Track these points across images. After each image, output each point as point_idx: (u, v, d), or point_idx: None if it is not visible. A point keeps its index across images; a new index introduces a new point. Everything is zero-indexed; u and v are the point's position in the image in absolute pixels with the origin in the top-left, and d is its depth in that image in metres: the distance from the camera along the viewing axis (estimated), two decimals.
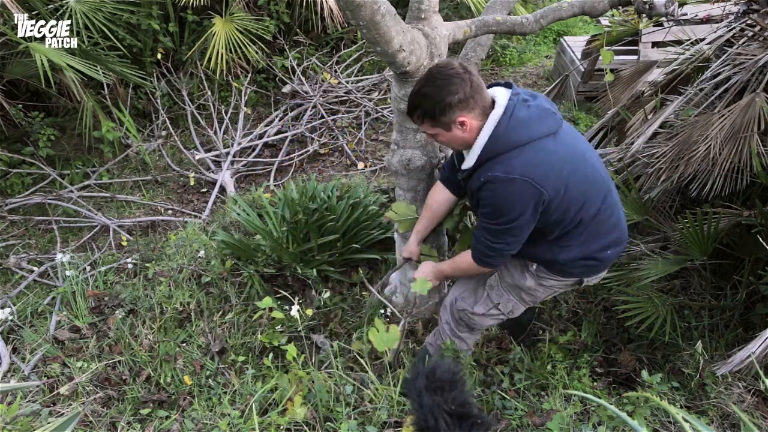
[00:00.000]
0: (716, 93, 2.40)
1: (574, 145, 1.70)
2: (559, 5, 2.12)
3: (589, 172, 1.70)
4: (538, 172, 1.59)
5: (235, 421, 2.04)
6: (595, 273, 1.90)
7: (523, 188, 1.59)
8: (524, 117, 1.62)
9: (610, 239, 1.80)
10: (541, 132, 1.63)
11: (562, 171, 1.63)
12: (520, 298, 1.97)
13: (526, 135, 1.61)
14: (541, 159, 1.61)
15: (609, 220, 1.78)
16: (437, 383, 1.19)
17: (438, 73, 1.62)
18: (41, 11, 3.71)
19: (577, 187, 1.66)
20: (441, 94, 1.60)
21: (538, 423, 1.99)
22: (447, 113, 1.62)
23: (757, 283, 2.24)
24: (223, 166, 4.07)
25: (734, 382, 2.09)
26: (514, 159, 1.60)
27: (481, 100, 1.64)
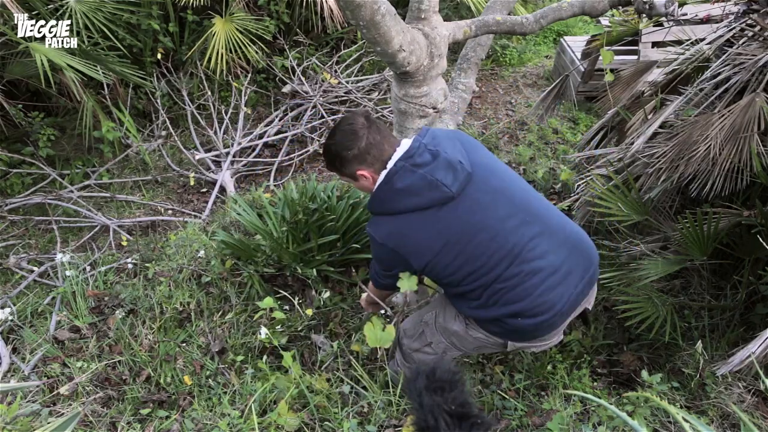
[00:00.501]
0: (716, 93, 2.39)
1: (468, 216, 1.63)
2: (559, 5, 2.12)
3: (485, 241, 1.63)
4: (403, 244, 1.66)
5: (235, 421, 2.04)
6: (520, 339, 1.78)
7: (389, 253, 1.71)
8: (401, 188, 1.62)
9: (519, 308, 1.66)
10: (416, 205, 1.63)
11: (435, 245, 1.64)
12: (451, 342, 1.92)
13: (398, 206, 1.64)
14: (407, 234, 1.65)
15: (516, 288, 1.64)
16: (437, 383, 1.19)
17: (339, 127, 1.71)
18: (41, 11, 3.71)
19: (464, 256, 1.64)
20: (338, 148, 1.69)
21: (538, 423, 1.99)
22: (346, 166, 1.71)
23: (757, 283, 2.24)
24: (223, 166, 4.07)
25: (734, 382, 2.09)
26: (383, 225, 1.69)
27: (380, 156, 1.68)
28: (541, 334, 1.75)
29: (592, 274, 1.74)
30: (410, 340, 2.02)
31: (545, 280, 1.64)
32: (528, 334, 1.74)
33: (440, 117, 2.06)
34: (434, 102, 1.94)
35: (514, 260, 1.63)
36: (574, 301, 1.71)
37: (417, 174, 1.61)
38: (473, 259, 1.63)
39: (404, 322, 2.10)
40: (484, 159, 1.71)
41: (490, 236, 1.63)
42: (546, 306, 1.66)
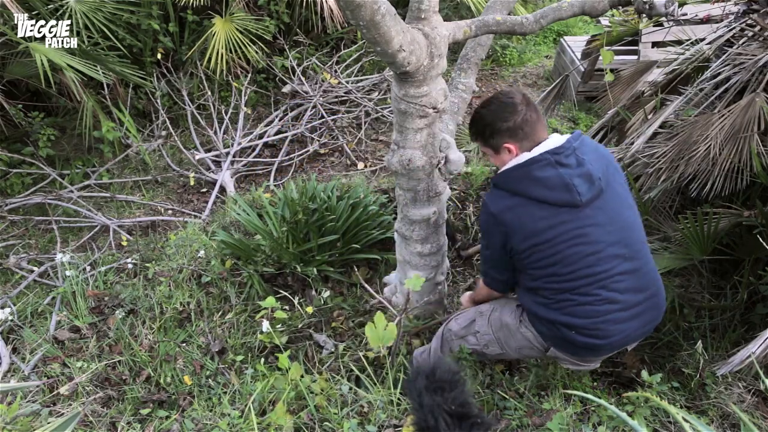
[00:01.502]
0: (716, 93, 2.40)
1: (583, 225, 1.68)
2: (559, 5, 2.12)
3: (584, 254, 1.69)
4: (513, 222, 1.71)
5: (235, 421, 2.04)
6: (563, 350, 1.86)
7: (495, 225, 1.75)
8: (538, 177, 1.69)
9: (579, 323, 1.74)
10: (543, 197, 1.68)
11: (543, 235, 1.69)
12: (498, 337, 1.98)
13: (525, 190, 1.70)
14: (522, 216, 1.71)
15: (585, 306, 1.72)
16: (437, 383, 1.19)
17: (497, 99, 1.77)
18: (41, 11, 3.71)
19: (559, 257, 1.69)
20: (493, 118, 1.74)
21: (538, 423, 1.98)
22: (495, 137, 1.76)
23: (757, 283, 2.24)
24: (223, 166, 4.07)
25: (734, 382, 2.09)
26: (503, 199, 1.75)
27: (532, 134, 1.73)
28: (584, 354, 1.85)
29: (652, 327, 1.85)
30: (458, 326, 2.09)
31: (614, 312, 1.73)
32: (572, 349, 1.83)
33: (440, 117, 2.06)
34: (434, 102, 1.94)
35: (598, 283, 1.71)
36: (626, 340, 1.80)
37: (557, 171, 1.67)
38: (566, 264, 1.70)
39: (457, 313, 2.18)
40: (618, 188, 1.77)
41: (591, 252, 1.70)
42: (603, 333, 1.74)
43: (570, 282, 1.72)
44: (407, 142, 2.07)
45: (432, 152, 2.11)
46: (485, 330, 2.00)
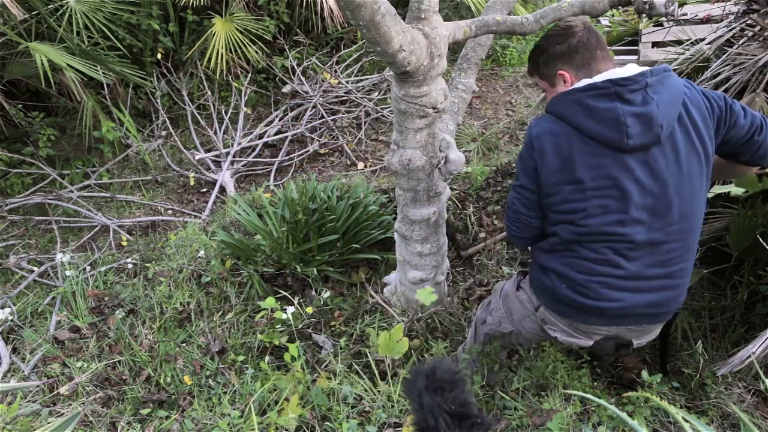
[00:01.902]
0: None
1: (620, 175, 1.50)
2: (559, 5, 2.12)
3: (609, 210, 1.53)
4: (550, 149, 1.55)
5: (235, 421, 2.04)
6: (550, 306, 1.73)
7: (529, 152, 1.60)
8: (589, 105, 1.49)
9: (573, 276, 1.61)
10: (586, 128, 1.50)
11: (576, 175, 1.52)
12: (505, 311, 1.95)
13: (570, 116, 1.53)
14: (561, 145, 1.53)
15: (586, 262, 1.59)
16: (437, 383, 1.19)
17: (555, 27, 1.65)
18: (41, 11, 3.71)
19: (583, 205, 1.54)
20: (546, 44, 1.63)
21: (538, 423, 1.98)
22: (548, 64, 1.63)
23: (757, 283, 2.24)
24: (223, 166, 4.07)
25: (734, 382, 2.09)
26: (547, 122, 1.59)
27: (591, 61, 1.56)
28: (571, 317, 1.68)
29: (661, 314, 1.66)
30: (481, 310, 2.11)
31: (613, 277, 1.57)
32: (560, 306, 1.69)
33: (440, 117, 2.06)
34: (434, 102, 1.94)
35: (609, 243, 1.55)
36: (623, 312, 1.61)
37: (613, 105, 1.46)
38: (587, 215, 1.54)
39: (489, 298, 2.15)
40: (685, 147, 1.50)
41: (616, 209, 1.52)
42: (593, 294, 1.59)
43: (583, 235, 1.57)
44: (407, 142, 2.07)
45: (432, 152, 2.11)
46: (497, 305, 1.99)
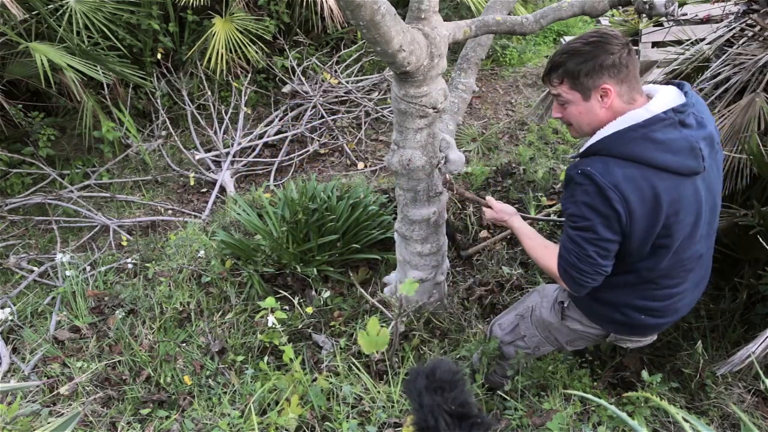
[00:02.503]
0: (716, 93, 2.39)
1: (693, 200, 1.46)
2: (559, 5, 2.12)
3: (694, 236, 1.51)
4: (634, 195, 1.39)
5: (235, 421, 2.04)
6: (624, 332, 1.74)
7: (607, 204, 1.40)
8: (661, 139, 1.39)
9: (652, 305, 1.61)
10: (665, 164, 1.39)
11: (661, 212, 1.41)
12: (545, 336, 1.92)
13: (648, 157, 1.39)
14: (644, 185, 1.39)
15: (667, 286, 1.59)
16: (437, 383, 1.19)
17: (596, 32, 1.46)
18: (41, 11, 3.71)
19: (663, 237, 1.46)
20: (595, 51, 1.42)
21: (538, 423, 1.98)
22: (593, 75, 1.42)
23: (757, 283, 2.24)
24: (223, 166, 4.07)
25: (734, 382, 2.09)
26: (620, 167, 1.40)
27: (633, 80, 1.45)
28: (650, 332, 1.75)
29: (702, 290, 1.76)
30: (503, 333, 2.03)
31: (688, 290, 1.63)
32: (639, 330, 1.71)
33: (440, 117, 2.06)
34: (434, 102, 1.94)
35: (686, 266, 1.56)
36: (688, 309, 1.72)
37: (683, 133, 1.40)
38: (672, 250, 1.49)
39: (499, 316, 2.10)
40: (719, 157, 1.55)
41: (693, 233, 1.50)
42: (673, 311, 1.65)
43: (668, 269, 1.53)
44: (407, 142, 2.07)
45: (432, 152, 2.11)
46: (531, 332, 1.95)
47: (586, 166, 1.43)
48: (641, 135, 1.40)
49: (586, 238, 1.46)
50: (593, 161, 1.44)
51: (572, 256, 1.50)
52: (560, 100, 1.52)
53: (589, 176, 1.41)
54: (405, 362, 2.30)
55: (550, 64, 1.51)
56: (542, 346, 1.96)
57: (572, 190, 1.46)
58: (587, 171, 1.42)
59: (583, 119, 1.51)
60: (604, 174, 1.39)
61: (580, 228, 1.47)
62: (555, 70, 1.49)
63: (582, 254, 1.48)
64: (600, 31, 1.47)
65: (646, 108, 1.42)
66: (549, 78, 1.52)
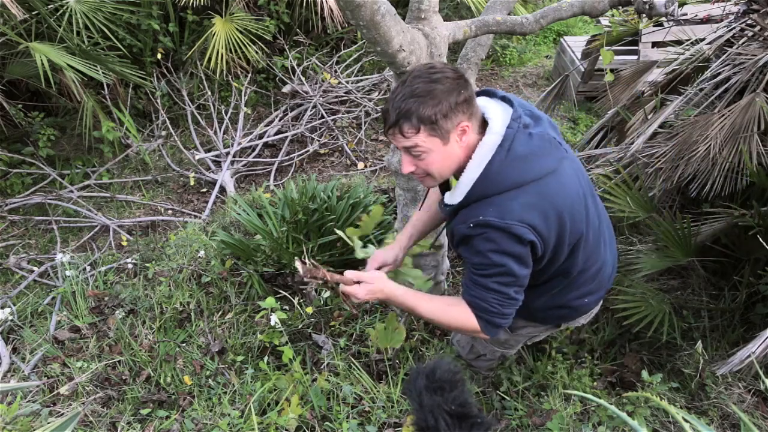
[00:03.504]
0: (716, 93, 2.40)
1: (576, 184, 1.45)
2: (559, 5, 2.12)
3: (590, 215, 1.50)
4: (538, 218, 1.34)
5: (235, 421, 2.04)
6: (572, 318, 1.76)
7: (520, 235, 1.33)
8: (524, 153, 1.35)
9: (588, 288, 1.63)
10: (543, 170, 1.36)
11: (562, 216, 1.39)
12: (505, 348, 1.96)
13: (527, 175, 1.35)
14: (540, 203, 1.35)
15: (591, 269, 1.60)
16: (437, 383, 1.19)
17: (432, 67, 1.34)
18: (41, 11, 3.71)
19: (572, 235, 1.45)
20: (445, 89, 1.29)
21: (538, 423, 1.99)
22: (450, 116, 1.30)
23: (757, 283, 2.24)
24: (223, 166, 4.07)
25: (734, 382, 2.09)
26: (512, 200, 1.33)
27: (477, 110, 1.38)
28: (594, 306, 1.76)
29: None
30: (465, 351, 2.09)
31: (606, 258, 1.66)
32: (584, 310, 1.72)
33: None
34: None
35: (597, 241, 1.57)
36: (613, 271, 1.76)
37: (534, 136, 1.37)
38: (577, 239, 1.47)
39: (455, 334, 2.13)
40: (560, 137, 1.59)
41: (593, 209, 1.52)
42: (606, 280, 1.69)
43: (585, 262, 1.54)
44: None
45: None
46: (490, 350, 1.97)
47: (477, 217, 1.34)
48: (508, 160, 1.34)
49: (504, 283, 1.40)
50: (480, 209, 1.35)
51: (495, 305, 1.42)
52: (416, 151, 1.35)
53: (487, 224, 1.33)
54: (405, 362, 2.30)
55: (395, 113, 1.31)
56: (507, 353, 2.00)
57: (472, 245, 1.38)
58: (482, 221, 1.33)
59: (446, 165, 1.38)
60: (503, 215, 1.32)
61: (494, 275, 1.38)
62: (407, 119, 1.30)
63: (505, 299, 1.42)
64: (436, 66, 1.35)
65: (493, 132, 1.36)
66: (399, 129, 1.32)
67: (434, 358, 2.31)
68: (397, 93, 1.32)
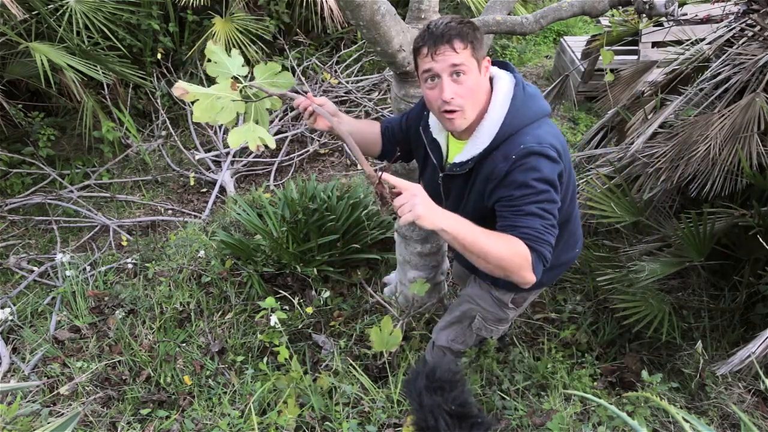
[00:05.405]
0: (716, 93, 2.39)
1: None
2: (559, 5, 2.12)
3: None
4: (559, 145, 1.43)
5: (234, 421, 2.04)
6: (558, 277, 1.89)
7: (555, 159, 1.40)
8: (534, 92, 1.50)
9: (579, 234, 1.81)
10: (547, 108, 1.51)
11: (566, 149, 1.50)
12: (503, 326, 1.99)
13: (541, 110, 1.47)
14: (556, 133, 1.46)
15: (576, 213, 1.74)
16: (437, 383, 1.19)
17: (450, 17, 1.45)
18: (41, 11, 3.71)
19: (568, 173, 1.52)
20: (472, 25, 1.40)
21: (538, 423, 1.99)
22: (482, 47, 1.41)
23: (757, 283, 2.24)
24: (223, 166, 4.07)
25: (734, 382, 2.09)
26: (539, 128, 1.42)
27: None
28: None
29: None
30: (465, 344, 2.06)
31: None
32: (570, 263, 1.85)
33: None
34: None
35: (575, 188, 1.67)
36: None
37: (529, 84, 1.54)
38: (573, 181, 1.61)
39: (441, 336, 2.05)
40: None
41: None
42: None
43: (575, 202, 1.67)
44: None
45: None
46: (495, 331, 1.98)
47: (518, 147, 1.38)
48: (527, 96, 1.46)
49: (547, 209, 1.39)
50: (516, 141, 1.40)
51: (543, 232, 1.37)
52: (461, 68, 1.37)
53: (529, 152, 1.38)
54: (405, 362, 2.30)
55: (445, 32, 1.36)
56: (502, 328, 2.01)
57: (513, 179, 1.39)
58: (523, 150, 1.38)
59: (478, 95, 1.42)
60: (540, 140, 1.39)
61: (538, 201, 1.38)
62: (458, 35, 1.36)
63: (549, 226, 1.39)
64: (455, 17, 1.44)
65: (503, 78, 1.48)
66: (450, 44, 1.36)
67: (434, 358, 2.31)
68: (434, 24, 1.39)
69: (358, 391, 2.14)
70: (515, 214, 1.39)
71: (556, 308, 2.62)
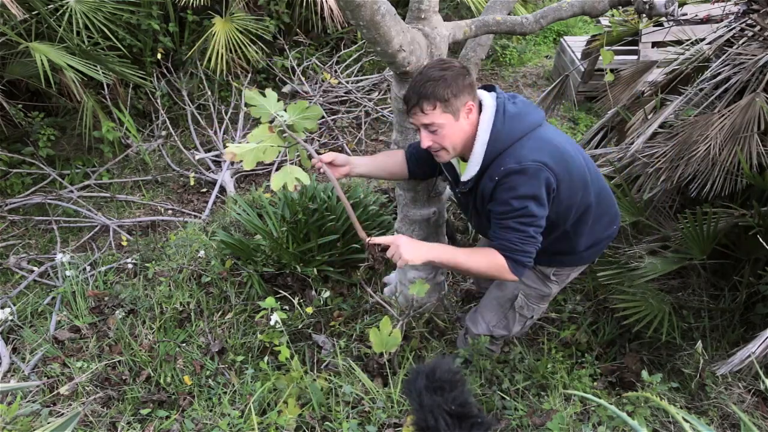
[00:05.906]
0: (716, 93, 2.40)
1: (560, 133, 1.77)
2: (559, 5, 2.12)
3: (582, 155, 1.77)
4: (546, 157, 1.61)
5: (235, 421, 2.04)
6: (601, 252, 2.01)
7: (536, 173, 1.59)
8: (515, 112, 1.66)
9: (614, 211, 1.92)
10: (534, 123, 1.67)
11: (564, 154, 1.66)
12: (548, 302, 2.10)
13: (523, 127, 1.65)
14: (543, 145, 1.64)
15: (605, 195, 1.86)
16: (437, 383, 1.19)
17: (441, 60, 1.68)
18: (41, 11, 3.71)
19: (579, 171, 1.70)
20: (455, 74, 1.60)
21: (538, 423, 1.99)
22: (459, 96, 1.60)
23: (757, 283, 2.24)
24: (223, 166, 4.07)
25: (734, 382, 2.09)
26: (521, 148, 1.62)
27: (477, 94, 1.68)
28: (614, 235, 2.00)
29: None
30: (509, 330, 2.14)
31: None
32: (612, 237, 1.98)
33: None
34: None
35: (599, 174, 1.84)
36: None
37: (517, 101, 1.70)
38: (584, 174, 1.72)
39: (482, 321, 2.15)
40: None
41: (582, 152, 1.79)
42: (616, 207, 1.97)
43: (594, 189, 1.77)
44: (407, 141, 2.07)
45: None
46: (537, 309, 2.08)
47: (499, 169, 1.61)
48: (506, 119, 1.63)
49: (524, 223, 1.64)
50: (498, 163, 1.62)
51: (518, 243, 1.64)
52: (432, 127, 1.63)
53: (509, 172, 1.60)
54: (404, 362, 2.30)
55: (416, 95, 1.60)
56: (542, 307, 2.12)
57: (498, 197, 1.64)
58: (503, 171, 1.61)
59: (457, 138, 1.66)
60: (519, 159, 1.59)
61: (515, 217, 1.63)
62: (426, 99, 1.59)
63: (525, 237, 1.65)
64: (444, 59, 1.70)
65: (487, 105, 1.66)
66: (420, 107, 1.61)
67: (434, 357, 2.31)
68: (416, 80, 1.62)
69: (360, 392, 2.14)
70: (497, 226, 1.68)
71: (556, 308, 2.62)
